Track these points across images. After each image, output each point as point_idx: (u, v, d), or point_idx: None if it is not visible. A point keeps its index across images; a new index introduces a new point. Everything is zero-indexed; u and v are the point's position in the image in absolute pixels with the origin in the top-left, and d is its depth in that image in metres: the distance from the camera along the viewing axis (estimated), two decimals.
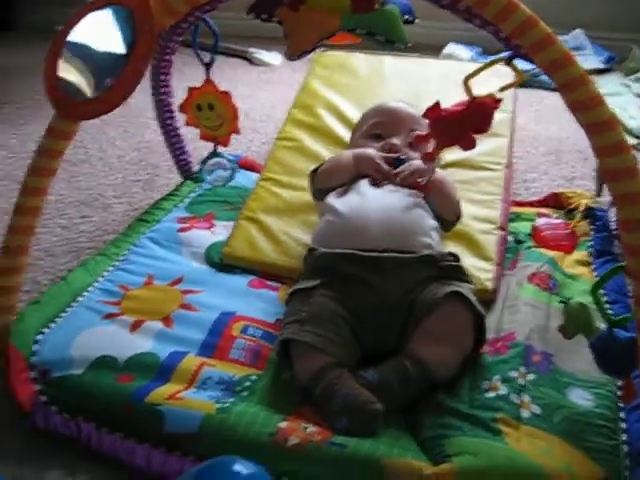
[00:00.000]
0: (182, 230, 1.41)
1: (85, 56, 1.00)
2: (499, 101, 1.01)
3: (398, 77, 1.77)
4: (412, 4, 1.06)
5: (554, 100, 2.28)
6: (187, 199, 1.57)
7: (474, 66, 1.93)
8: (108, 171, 1.83)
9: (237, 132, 1.25)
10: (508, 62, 0.95)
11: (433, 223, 1.20)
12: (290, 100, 2.33)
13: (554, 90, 0.90)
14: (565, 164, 1.87)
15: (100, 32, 0.98)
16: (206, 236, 1.40)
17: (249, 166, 1.70)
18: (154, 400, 0.95)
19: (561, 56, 0.85)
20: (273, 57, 2.82)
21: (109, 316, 1.14)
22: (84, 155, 1.93)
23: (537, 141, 2.02)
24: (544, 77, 2.34)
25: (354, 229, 1.14)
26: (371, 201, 1.18)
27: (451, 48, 2.65)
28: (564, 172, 1.83)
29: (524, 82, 2.13)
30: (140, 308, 1.17)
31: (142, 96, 1.49)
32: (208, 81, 1.22)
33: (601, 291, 1.23)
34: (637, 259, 0.84)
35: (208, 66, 1.22)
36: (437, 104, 1.05)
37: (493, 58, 0.95)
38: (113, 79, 0.94)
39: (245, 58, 2.85)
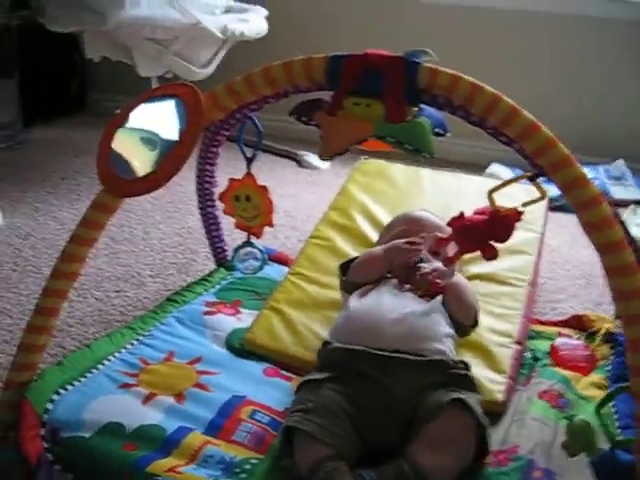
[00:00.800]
0: (208, 313, 1.46)
1: (142, 139, 1.09)
2: (520, 214, 1.06)
3: (433, 189, 1.83)
4: (445, 118, 1.12)
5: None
6: (218, 285, 1.62)
7: (508, 186, 1.99)
8: (148, 252, 1.91)
9: (271, 225, 1.31)
10: (532, 179, 1.00)
11: (448, 330, 1.23)
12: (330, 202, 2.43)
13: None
14: (594, 288, 1.88)
15: (159, 119, 1.07)
16: (231, 321, 1.45)
17: (282, 261, 1.75)
18: (154, 470, 0.98)
19: (577, 177, 0.90)
20: (320, 161, 2.93)
21: (125, 386, 1.19)
22: (129, 234, 2.02)
23: (569, 264, 2.04)
24: None
25: (367, 327, 1.18)
26: (388, 302, 1.22)
27: (494, 168, 2.72)
28: (592, 296, 1.84)
29: (559, 206, 2.18)
30: (156, 382, 1.21)
31: (190, 184, 1.58)
32: (248, 174, 1.29)
33: (614, 415, 1.24)
34: (637, 379, 0.85)
35: (250, 160, 1.29)
36: (462, 214, 1.10)
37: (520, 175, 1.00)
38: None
39: (295, 160, 2.97)
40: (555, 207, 2.22)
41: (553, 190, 0.97)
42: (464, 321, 1.28)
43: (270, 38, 2.73)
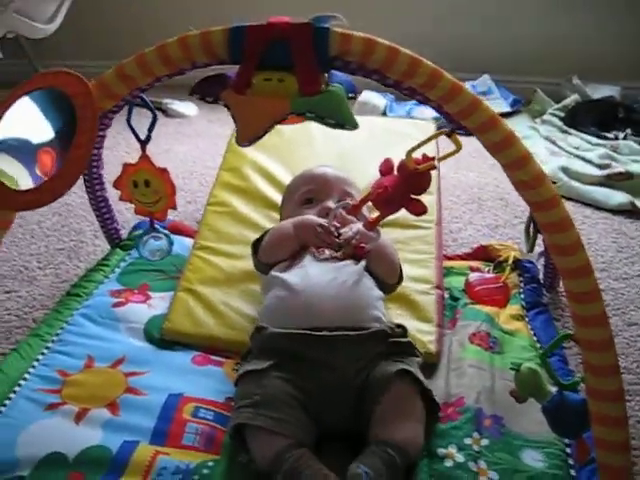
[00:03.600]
0: (117, 305, 1.36)
1: (15, 146, 0.97)
2: (433, 162, 1.04)
3: (323, 136, 1.78)
4: (352, 79, 1.06)
5: (470, 145, 2.34)
6: (117, 269, 1.52)
7: (397, 122, 1.99)
8: (30, 239, 1.76)
9: (174, 207, 1.22)
10: (449, 134, 0.97)
11: (379, 293, 1.22)
12: (210, 153, 2.33)
13: (469, 134, 0.94)
14: (487, 212, 1.93)
15: (27, 120, 0.96)
16: (143, 310, 1.36)
17: (179, 230, 1.66)
18: None
19: (469, 103, 0.89)
20: (188, 108, 2.80)
21: (51, 406, 1.09)
22: None
23: (458, 189, 2.07)
24: None
25: (305, 308, 1.14)
26: (319, 277, 1.17)
27: (366, 96, 2.68)
28: (487, 221, 1.88)
29: (438, 129, 2.17)
30: (83, 395, 1.13)
31: None
32: (144, 157, 1.19)
33: (537, 345, 1.29)
34: (585, 329, 0.87)
35: (144, 143, 1.19)
36: (379, 185, 1.07)
37: (434, 132, 0.98)
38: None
39: (159, 109, 2.81)
40: None
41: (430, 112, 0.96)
42: (391, 280, 1.27)
43: None
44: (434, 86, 0.90)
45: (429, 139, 1.00)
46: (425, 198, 1.56)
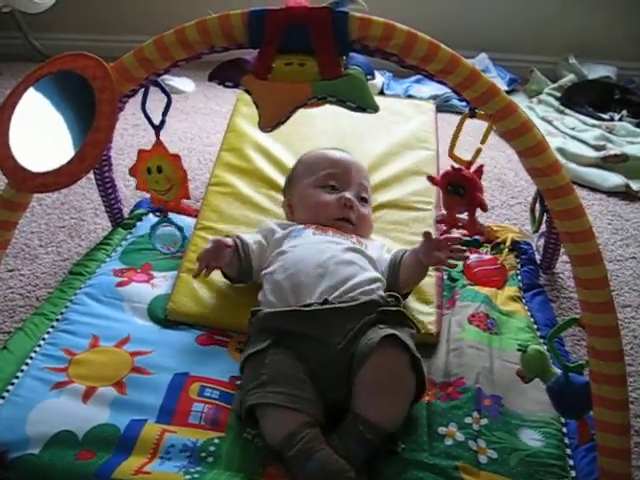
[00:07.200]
0: (121, 284, 1.37)
1: (44, 126, 0.98)
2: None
3: (323, 116, 1.79)
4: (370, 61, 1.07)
5: (469, 125, 2.34)
6: (119, 247, 1.53)
7: (396, 102, 1.99)
8: (30, 217, 1.76)
9: (187, 197, 1.21)
10: (472, 116, 0.98)
11: (374, 275, 1.23)
12: (208, 130, 2.34)
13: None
14: (484, 193, 1.93)
15: (60, 101, 0.97)
16: (146, 290, 1.37)
17: (179, 210, 1.66)
18: (121, 476, 0.94)
19: (487, 89, 0.90)
20: (185, 84, 2.78)
21: (58, 385, 1.11)
22: None
23: None
24: (454, 101, 2.45)
25: (292, 287, 1.18)
26: (308, 257, 1.22)
27: None
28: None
29: (436, 107, 2.17)
30: (89, 374, 1.14)
31: None
32: (158, 143, 1.19)
33: (535, 326, 1.32)
34: (592, 315, 0.89)
35: (158, 128, 1.19)
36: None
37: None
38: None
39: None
40: None
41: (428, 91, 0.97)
42: (403, 291, 1.29)
43: None
44: (452, 72, 0.91)
45: (459, 129, 1.03)
46: (424, 180, 1.61)
